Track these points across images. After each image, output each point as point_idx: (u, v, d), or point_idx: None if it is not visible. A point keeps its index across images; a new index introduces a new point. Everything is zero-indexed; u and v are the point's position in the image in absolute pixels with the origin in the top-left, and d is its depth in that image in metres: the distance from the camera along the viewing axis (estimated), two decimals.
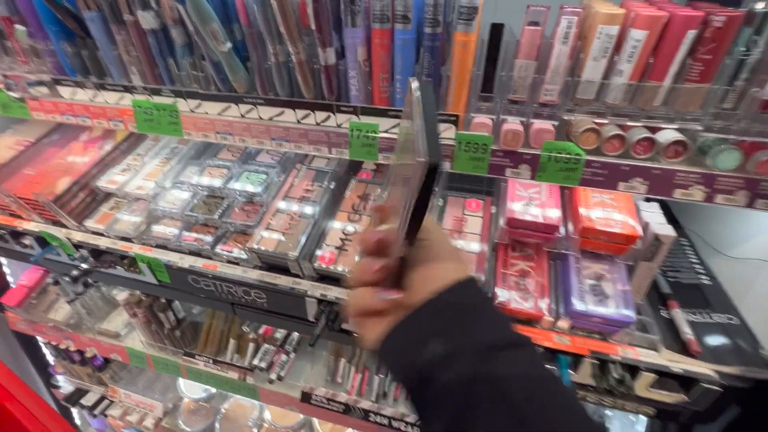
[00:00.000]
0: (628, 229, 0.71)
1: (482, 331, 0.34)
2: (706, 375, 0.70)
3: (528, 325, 0.77)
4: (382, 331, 0.36)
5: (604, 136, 0.62)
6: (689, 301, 0.79)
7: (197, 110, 0.80)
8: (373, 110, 0.70)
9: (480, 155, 0.67)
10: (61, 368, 1.58)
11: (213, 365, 1.18)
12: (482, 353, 0.32)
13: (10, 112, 0.95)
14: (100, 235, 1.03)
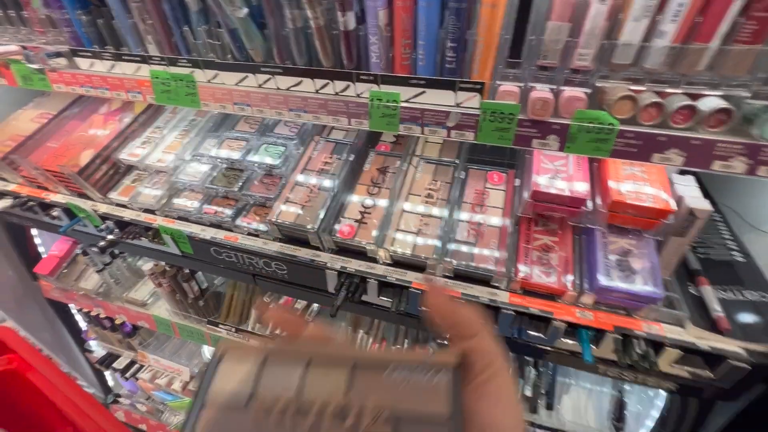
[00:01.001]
0: (661, 204, 0.68)
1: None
2: (734, 352, 0.68)
3: (550, 299, 0.76)
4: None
5: (640, 104, 0.58)
6: (720, 278, 0.76)
7: (214, 81, 0.78)
8: (394, 78, 0.67)
9: (506, 125, 0.64)
10: (93, 334, 1.66)
11: (235, 333, 1.22)
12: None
13: (31, 84, 0.96)
14: (124, 207, 1.05)
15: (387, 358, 0.31)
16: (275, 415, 0.30)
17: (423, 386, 0.30)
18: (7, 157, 1.08)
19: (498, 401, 0.29)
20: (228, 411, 0.31)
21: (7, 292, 1.51)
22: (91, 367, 1.86)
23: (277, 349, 0.33)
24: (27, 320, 1.59)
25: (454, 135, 0.68)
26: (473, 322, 0.32)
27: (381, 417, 0.29)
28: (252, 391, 0.31)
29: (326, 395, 0.30)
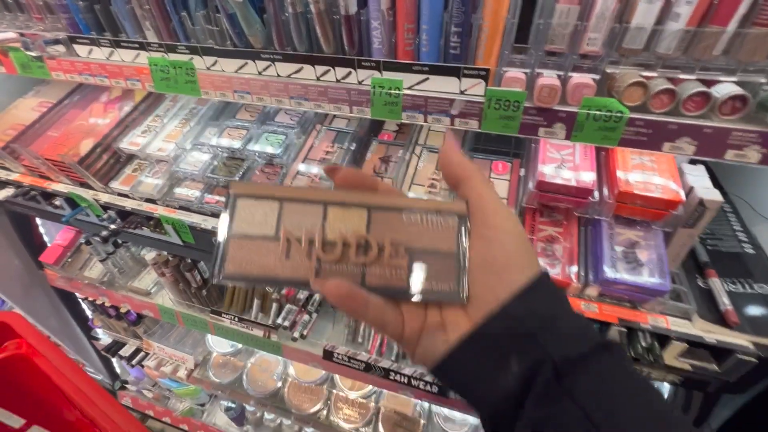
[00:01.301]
0: (670, 194, 0.67)
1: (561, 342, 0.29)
2: (742, 346, 0.67)
3: None
4: (439, 351, 0.31)
5: (651, 90, 0.56)
6: (729, 271, 0.75)
7: (213, 68, 0.77)
8: (396, 65, 0.65)
9: (511, 113, 0.63)
10: (99, 322, 1.68)
11: (238, 323, 1.23)
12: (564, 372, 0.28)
13: (30, 72, 0.94)
14: (126, 196, 1.05)
15: (402, 203, 0.35)
16: (304, 244, 0.33)
17: (434, 228, 0.34)
18: (8, 146, 1.07)
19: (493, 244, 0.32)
20: (257, 240, 0.33)
21: (13, 280, 1.53)
22: (98, 354, 1.89)
23: (293, 191, 0.35)
24: (34, 308, 1.61)
25: (458, 123, 0.67)
26: (465, 166, 0.35)
27: (399, 250, 0.33)
28: (277, 224, 0.34)
29: (349, 231, 0.34)
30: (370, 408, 1.49)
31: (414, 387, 1.09)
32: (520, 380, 0.28)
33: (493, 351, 0.29)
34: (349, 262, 0.33)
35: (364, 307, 0.31)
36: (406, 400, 1.48)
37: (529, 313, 0.29)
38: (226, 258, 0.33)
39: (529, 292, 0.30)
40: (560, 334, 0.29)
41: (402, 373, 1.09)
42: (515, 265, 0.31)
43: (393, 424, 1.45)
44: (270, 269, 0.32)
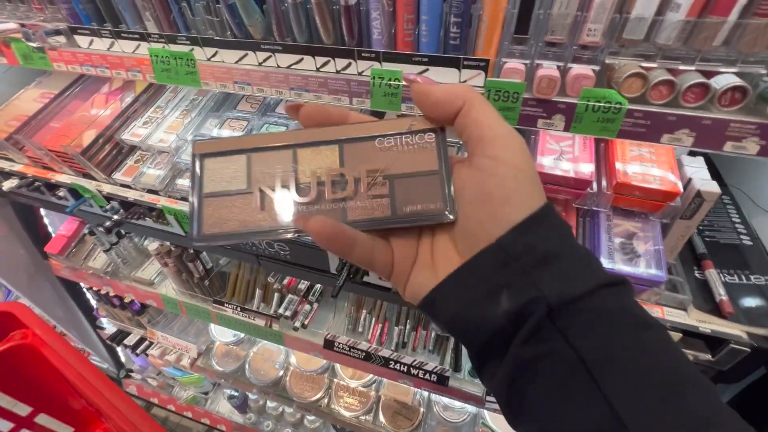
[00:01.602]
0: (668, 185, 0.67)
1: (558, 281, 0.26)
2: (735, 336, 0.68)
3: None
4: (427, 286, 0.30)
5: (650, 81, 0.56)
6: (726, 262, 0.75)
7: (214, 59, 0.77)
8: (396, 56, 0.65)
9: (510, 105, 0.63)
10: (103, 311, 1.71)
11: (241, 312, 1.24)
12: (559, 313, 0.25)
13: (31, 63, 0.95)
14: (128, 187, 1.06)
15: (374, 130, 0.33)
16: (279, 190, 0.32)
17: (411, 149, 0.32)
18: (11, 137, 1.08)
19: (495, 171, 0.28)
20: (230, 197, 0.32)
21: (19, 270, 1.55)
22: (103, 343, 1.92)
23: (258, 140, 0.34)
24: (40, 298, 1.63)
25: None
26: (454, 95, 0.30)
27: (377, 179, 0.32)
28: (248, 177, 0.33)
29: (322, 170, 0.32)
30: (371, 396, 1.51)
31: (413, 376, 1.11)
32: (511, 318, 0.26)
33: (482, 285, 0.27)
34: (327, 201, 0.32)
35: (350, 246, 0.30)
36: (406, 389, 1.50)
37: (525, 249, 0.26)
38: (201, 219, 0.32)
39: (528, 225, 0.27)
40: (559, 272, 0.26)
41: (402, 362, 1.10)
42: (513, 201, 0.27)
43: (393, 412, 1.48)
44: (248, 223, 0.32)
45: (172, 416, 2.08)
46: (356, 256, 0.30)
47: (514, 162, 0.28)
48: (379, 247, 0.31)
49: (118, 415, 0.77)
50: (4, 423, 0.90)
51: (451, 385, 1.09)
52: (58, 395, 0.96)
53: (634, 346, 0.24)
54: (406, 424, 1.44)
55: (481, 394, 1.09)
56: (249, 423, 1.82)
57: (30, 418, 0.95)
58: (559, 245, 0.27)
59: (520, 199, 0.27)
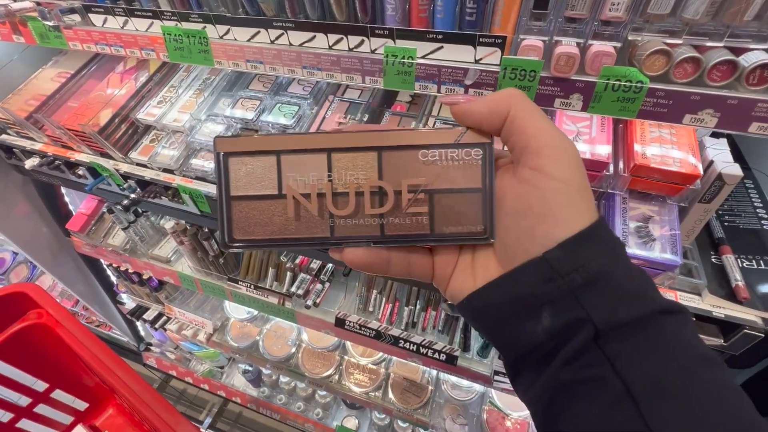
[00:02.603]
0: (688, 168, 0.65)
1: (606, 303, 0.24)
2: (750, 321, 0.67)
3: None
4: (466, 286, 0.29)
5: (675, 59, 0.54)
6: (745, 247, 0.74)
7: (226, 37, 0.76)
8: (410, 33, 0.64)
9: (527, 83, 0.61)
10: (123, 287, 1.77)
11: (254, 290, 1.27)
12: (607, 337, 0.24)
13: (48, 42, 0.96)
14: (144, 166, 1.07)
15: (415, 139, 0.31)
16: (314, 200, 0.30)
17: (455, 163, 0.30)
18: (31, 116, 1.10)
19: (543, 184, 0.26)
20: (260, 201, 0.31)
21: (43, 247, 1.60)
22: (124, 317, 1.99)
23: (288, 141, 0.31)
24: (63, 274, 1.70)
25: (473, 94, 0.66)
26: (496, 105, 0.28)
27: (419, 195, 0.30)
28: (278, 181, 0.31)
29: (360, 179, 0.30)
30: (380, 374, 1.55)
31: (422, 355, 1.13)
32: (552, 336, 0.25)
33: (524, 298, 0.26)
34: (365, 215, 0.30)
35: (386, 268, 0.30)
36: (415, 368, 1.54)
37: (573, 266, 0.25)
38: (232, 224, 0.31)
39: (577, 241, 0.25)
40: (609, 294, 0.24)
41: (411, 342, 1.12)
42: (554, 218, 0.26)
43: (402, 389, 1.51)
44: (280, 231, 0.30)
45: (190, 388, 2.17)
46: (392, 273, 0.31)
47: (561, 176, 0.26)
48: (416, 259, 0.31)
49: (130, 393, 0.80)
50: (23, 398, 0.95)
51: (460, 365, 1.11)
52: (72, 372, 1.00)
53: (689, 383, 0.22)
54: (414, 402, 1.48)
55: (489, 374, 1.10)
56: (263, 396, 1.89)
57: (46, 393, 0.99)
58: (609, 264, 0.25)
59: (563, 216, 0.26)
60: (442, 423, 1.44)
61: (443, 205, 0.30)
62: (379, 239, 0.30)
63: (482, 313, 0.29)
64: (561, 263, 0.25)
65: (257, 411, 1.91)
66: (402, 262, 0.30)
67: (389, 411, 1.49)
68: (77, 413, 1.07)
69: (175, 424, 0.77)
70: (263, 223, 0.31)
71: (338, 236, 0.30)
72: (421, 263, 0.31)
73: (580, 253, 0.25)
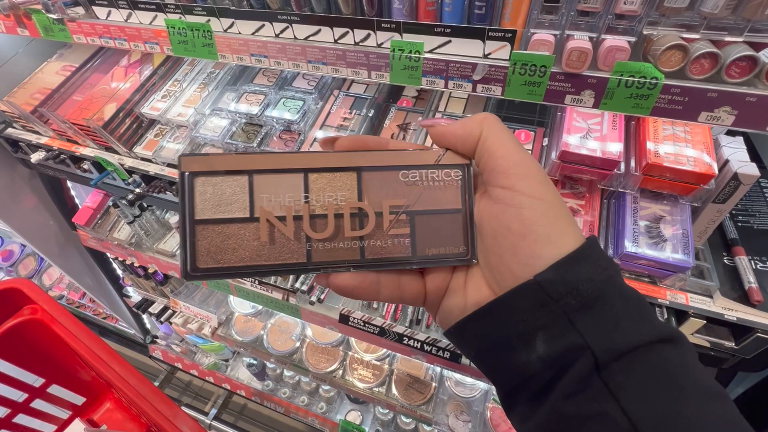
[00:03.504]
0: (702, 167, 0.63)
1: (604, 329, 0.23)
2: (763, 324, 0.65)
3: None
4: (454, 316, 0.28)
5: (692, 54, 0.52)
6: (760, 249, 0.72)
7: (230, 30, 0.75)
8: (417, 27, 0.62)
9: (537, 79, 0.60)
10: (129, 281, 1.78)
11: (258, 286, 1.27)
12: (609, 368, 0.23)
13: (52, 35, 0.95)
14: (149, 161, 1.07)
15: (395, 160, 0.30)
16: (289, 223, 0.28)
17: (435, 184, 0.30)
18: (36, 110, 1.10)
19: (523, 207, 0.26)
20: (229, 225, 0.28)
21: (50, 240, 1.62)
22: (130, 310, 2.01)
23: (261, 160, 0.29)
24: (70, 266, 1.71)
25: (481, 90, 0.64)
26: (470, 127, 0.29)
27: (400, 217, 0.30)
28: (250, 202, 0.29)
29: (339, 200, 0.29)
30: (384, 370, 1.55)
31: (426, 352, 1.12)
32: (548, 364, 0.24)
33: (515, 325, 0.25)
34: (345, 238, 0.29)
35: (376, 293, 0.29)
36: (419, 364, 1.53)
37: (567, 289, 0.24)
38: (195, 251, 0.27)
39: (570, 263, 0.24)
40: (606, 319, 0.23)
41: (415, 339, 1.12)
42: (535, 235, 0.25)
43: (406, 385, 1.51)
44: (251, 257, 0.28)
45: (195, 380, 2.19)
46: (384, 298, 0.30)
47: (533, 192, 0.26)
48: (406, 281, 0.30)
49: (126, 386, 0.80)
50: (19, 394, 0.95)
51: (464, 362, 1.10)
52: (68, 367, 1.00)
53: (699, 422, 0.21)
54: (418, 398, 1.48)
55: None
56: (267, 390, 1.90)
57: (43, 388, 1.00)
58: (605, 287, 0.24)
59: (544, 232, 0.25)
60: (446, 420, 1.44)
61: (425, 226, 0.30)
62: (360, 263, 0.29)
63: (472, 341, 0.28)
64: (554, 287, 0.24)
65: (261, 404, 1.92)
66: (392, 285, 0.29)
67: (393, 407, 1.50)
68: (75, 408, 1.08)
69: (173, 416, 0.77)
70: (232, 249, 0.28)
71: (316, 261, 0.29)
72: (412, 286, 0.30)
73: (573, 275, 0.24)
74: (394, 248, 0.29)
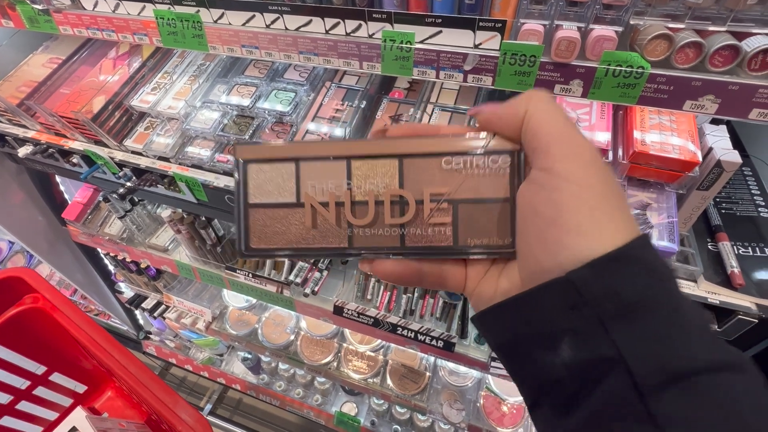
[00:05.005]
0: (687, 155, 0.65)
1: (646, 344, 0.20)
2: (744, 307, 0.68)
3: None
4: (486, 296, 0.27)
5: (677, 43, 0.53)
6: (742, 234, 0.74)
7: (220, 21, 0.75)
8: (408, 17, 0.63)
9: (526, 69, 0.60)
10: (121, 276, 1.76)
11: (252, 279, 1.27)
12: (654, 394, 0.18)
13: (38, 26, 0.93)
14: (139, 154, 1.06)
15: (439, 146, 0.29)
16: (332, 209, 0.29)
17: (481, 171, 0.29)
18: (22, 103, 1.08)
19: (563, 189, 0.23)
20: (277, 209, 0.30)
21: (39, 236, 1.60)
22: (122, 306, 2.00)
23: (308, 148, 0.30)
24: (60, 263, 1.69)
25: (471, 80, 0.65)
26: (515, 105, 0.26)
27: (442, 205, 0.29)
28: (297, 189, 0.30)
29: (380, 188, 0.29)
30: (379, 361, 1.56)
31: (420, 342, 1.14)
32: (573, 374, 0.21)
33: (541, 324, 0.23)
34: (385, 225, 0.29)
35: (419, 280, 0.29)
36: (413, 354, 1.55)
37: (605, 292, 0.21)
38: (248, 232, 0.30)
39: (612, 262, 0.21)
40: (651, 334, 0.20)
41: (409, 329, 1.13)
42: (566, 225, 0.22)
43: (400, 375, 1.53)
44: (297, 240, 0.30)
45: (190, 375, 2.19)
46: (427, 284, 0.29)
47: (572, 176, 0.23)
48: (448, 269, 0.29)
49: (127, 375, 0.81)
50: (22, 381, 0.96)
51: (457, 351, 1.12)
52: (69, 356, 1.00)
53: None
54: (412, 388, 1.50)
55: (486, 360, 1.12)
56: (262, 383, 1.91)
57: (45, 376, 1.00)
58: (654, 294, 0.21)
59: (576, 222, 0.22)
60: (440, 408, 1.46)
61: (468, 215, 0.29)
62: (399, 250, 0.29)
63: (493, 333, 0.26)
64: (589, 287, 0.21)
65: (257, 397, 1.93)
66: (435, 272, 0.29)
67: (387, 397, 1.52)
68: (76, 395, 1.08)
69: (173, 404, 0.78)
70: (280, 232, 0.30)
71: (356, 246, 0.30)
72: (455, 274, 0.29)
73: (615, 276, 0.21)
74: (434, 237, 0.29)
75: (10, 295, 0.89)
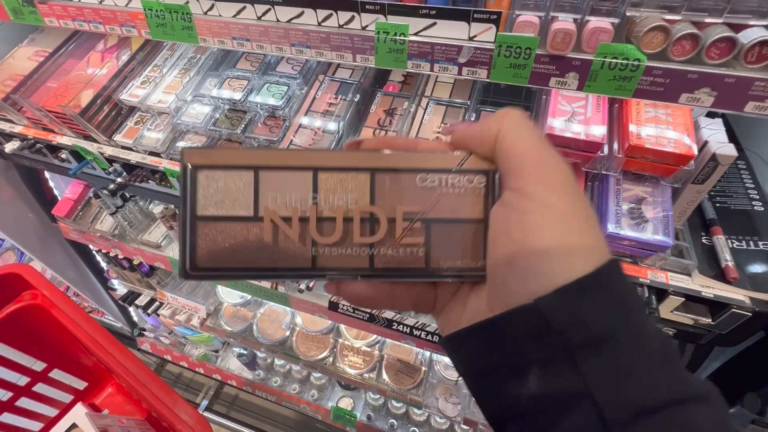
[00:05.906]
0: (682, 149, 0.65)
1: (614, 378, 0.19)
2: (738, 300, 0.68)
3: None
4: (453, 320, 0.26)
5: (673, 35, 0.52)
6: (736, 228, 0.74)
7: (210, 12, 0.73)
8: (402, 8, 0.62)
9: (522, 61, 0.60)
10: (114, 273, 1.75)
11: None
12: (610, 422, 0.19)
13: (22, 18, 0.91)
14: (130, 149, 1.04)
15: (413, 162, 0.27)
16: (295, 225, 0.27)
17: (456, 190, 0.27)
18: (8, 97, 1.06)
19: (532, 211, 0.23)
20: (231, 223, 0.27)
21: (30, 233, 1.57)
22: (116, 303, 1.98)
23: (269, 156, 0.27)
24: (52, 260, 1.67)
25: (466, 73, 0.64)
26: (487, 124, 0.26)
27: (414, 225, 0.27)
28: (255, 201, 0.27)
29: (349, 203, 0.27)
30: (374, 356, 1.57)
31: (416, 336, 1.14)
32: (539, 407, 0.21)
33: (508, 353, 0.22)
34: (354, 244, 0.27)
35: (390, 302, 0.27)
36: (409, 349, 1.55)
37: (572, 322, 0.20)
38: (195, 249, 0.26)
39: (580, 290, 0.21)
40: (618, 366, 0.20)
41: (404, 324, 1.13)
42: (535, 247, 0.21)
43: (396, 370, 1.53)
44: (253, 260, 0.27)
45: (186, 372, 2.18)
46: (398, 308, 0.28)
47: (544, 198, 0.22)
48: (421, 292, 0.28)
49: (126, 373, 0.80)
50: (21, 378, 0.95)
51: None
52: (69, 352, 1.00)
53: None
54: (408, 382, 1.50)
55: None
56: (258, 379, 1.91)
57: (45, 373, 0.99)
58: (620, 325, 0.20)
59: (546, 245, 0.21)
60: (435, 402, 1.46)
61: (441, 236, 0.27)
62: (368, 272, 0.27)
63: (459, 360, 0.26)
64: (556, 316, 0.20)
65: (253, 393, 1.93)
66: (405, 296, 0.28)
67: (383, 392, 1.52)
68: (76, 392, 1.08)
69: (171, 403, 0.78)
70: (233, 250, 0.27)
71: (320, 267, 0.27)
72: (425, 295, 0.28)
73: (581, 304, 0.20)
74: (405, 258, 0.27)
75: (9, 292, 0.88)
